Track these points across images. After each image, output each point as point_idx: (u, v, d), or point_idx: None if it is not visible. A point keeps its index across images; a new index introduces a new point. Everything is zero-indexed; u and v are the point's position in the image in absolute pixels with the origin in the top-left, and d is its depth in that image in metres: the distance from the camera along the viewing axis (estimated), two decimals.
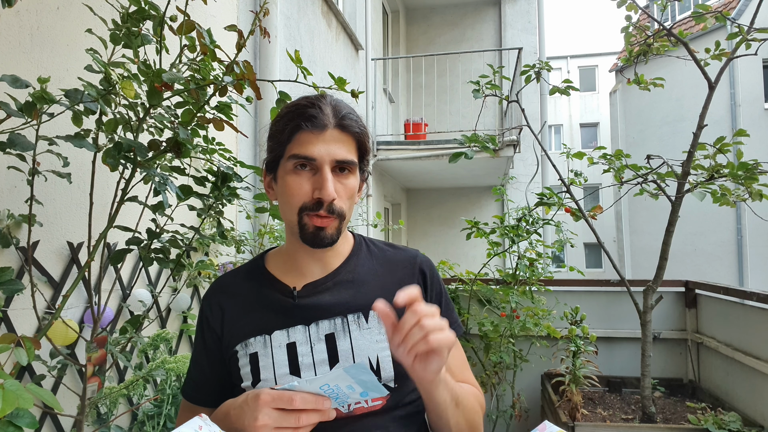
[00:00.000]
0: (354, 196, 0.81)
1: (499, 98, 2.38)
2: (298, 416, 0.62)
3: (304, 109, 0.78)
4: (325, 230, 0.77)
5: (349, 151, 0.78)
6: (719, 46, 2.14)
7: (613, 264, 2.32)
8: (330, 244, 0.79)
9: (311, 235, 0.78)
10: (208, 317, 0.88)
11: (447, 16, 8.36)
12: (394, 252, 0.92)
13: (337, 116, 0.78)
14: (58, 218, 1.47)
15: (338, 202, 0.77)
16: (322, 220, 0.77)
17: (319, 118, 0.76)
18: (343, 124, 0.78)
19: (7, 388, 0.67)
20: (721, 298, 2.41)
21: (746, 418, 2.01)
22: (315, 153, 0.76)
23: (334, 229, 0.78)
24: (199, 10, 1.98)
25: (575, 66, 19.42)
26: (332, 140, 0.77)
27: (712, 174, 2.02)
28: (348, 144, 0.79)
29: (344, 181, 0.79)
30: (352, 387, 0.61)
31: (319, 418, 0.64)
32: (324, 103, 0.79)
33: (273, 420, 0.62)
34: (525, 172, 7.07)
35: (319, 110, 0.77)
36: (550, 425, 0.69)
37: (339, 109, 0.79)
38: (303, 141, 0.77)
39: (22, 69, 1.34)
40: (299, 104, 0.80)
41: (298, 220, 0.78)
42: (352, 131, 0.79)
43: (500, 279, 2.81)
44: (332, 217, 0.77)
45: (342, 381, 0.60)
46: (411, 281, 0.87)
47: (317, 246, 0.79)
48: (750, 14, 4.24)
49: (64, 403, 1.45)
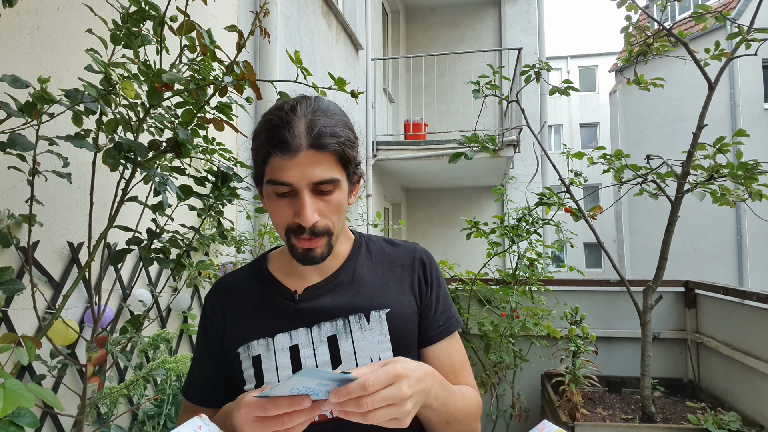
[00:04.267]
0: (341, 209, 0.78)
1: (499, 98, 2.38)
2: (281, 420, 0.61)
3: (274, 132, 0.73)
4: (314, 250, 0.76)
5: (327, 169, 0.73)
6: (719, 46, 2.14)
7: (613, 264, 2.32)
8: (321, 261, 0.78)
9: (300, 257, 0.77)
10: (210, 317, 0.88)
11: (447, 16, 8.36)
12: (394, 249, 0.92)
13: (309, 135, 0.72)
14: (58, 218, 1.47)
15: (322, 222, 0.75)
16: (309, 241, 0.75)
17: (289, 142, 0.71)
18: (318, 144, 0.72)
19: (8, 387, 0.67)
20: (721, 298, 2.41)
21: (746, 418, 2.01)
22: (290, 179, 0.72)
23: (324, 247, 0.77)
24: (199, 10, 1.98)
25: (575, 66, 19.42)
26: (307, 163, 0.72)
27: (712, 174, 2.02)
28: (326, 162, 0.73)
29: (327, 198, 0.75)
30: (322, 384, 0.60)
31: (306, 416, 0.62)
32: (296, 118, 0.73)
33: (259, 429, 0.62)
34: (525, 172, 7.07)
35: (289, 132, 0.72)
36: (549, 424, 0.69)
37: (313, 125, 0.73)
38: (276, 167, 0.73)
39: (22, 69, 1.34)
40: (271, 121, 0.75)
41: (287, 240, 0.78)
42: (330, 149, 0.73)
43: (500, 279, 2.81)
44: (318, 238, 0.75)
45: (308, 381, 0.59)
46: (410, 275, 0.88)
47: (308, 264, 0.78)
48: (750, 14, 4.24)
49: (65, 402, 1.45)
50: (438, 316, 0.87)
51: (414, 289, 0.87)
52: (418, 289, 0.87)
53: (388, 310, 0.82)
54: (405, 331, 0.83)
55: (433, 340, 0.86)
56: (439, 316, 0.88)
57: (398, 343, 0.81)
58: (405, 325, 0.83)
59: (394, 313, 0.83)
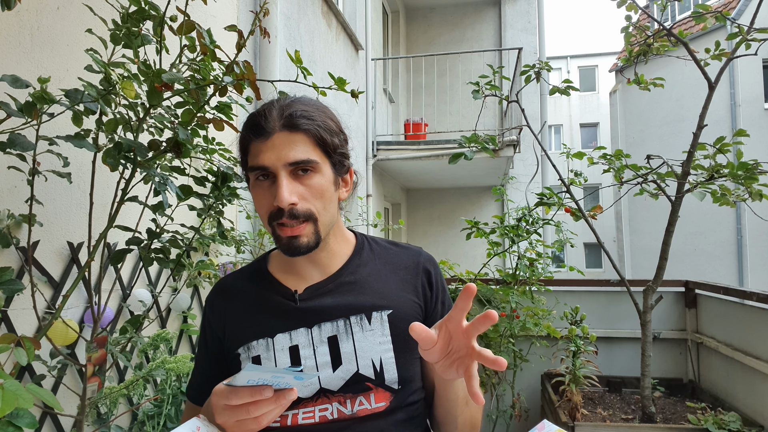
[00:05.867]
0: (324, 195, 0.77)
1: (499, 98, 2.38)
2: (247, 409, 0.63)
3: (252, 119, 0.77)
4: (299, 238, 0.75)
5: (304, 151, 0.74)
6: (719, 46, 2.14)
7: (613, 264, 2.32)
8: (307, 251, 0.76)
9: (285, 246, 0.76)
10: (211, 319, 0.88)
11: (447, 16, 8.36)
12: (397, 251, 0.91)
13: (281, 117, 0.75)
14: (58, 218, 1.47)
15: (303, 205, 0.74)
16: (291, 229, 0.74)
17: (261, 125, 0.75)
18: (290, 124, 0.74)
19: (7, 388, 0.67)
20: (721, 298, 2.41)
21: (746, 418, 2.01)
22: (266, 161, 0.74)
23: (310, 235, 0.76)
24: (199, 10, 1.98)
25: (575, 66, 19.42)
26: (281, 144, 0.74)
27: (712, 174, 2.02)
28: (301, 143, 0.75)
29: (307, 182, 0.75)
30: (277, 376, 0.62)
31: (273, 405, 0.64)
32: (273, 107, 0.77)
33: (227, 417, 0.64)
34: (525, 172, 7.07)
35: (263, 118, 0.75)
36: (549, 424, 0.69)
37: (286, 109, 0.76)
38: (254, 152, 0.75)
39: (22, 69, 1.34)
40: (252, 114, 0.78)
41: (272, 231, 0.77)
42: (302, 129, 0.75)
43: (500, 279, 2.81)
44: (299, 222, 0.74)
45: (262, 374, 0.61)
46: (414, 281, 0.87)
47: (293, 254, 0.76)
48: (750, 14, 4.24)
49: (64, 403, 1.45)
50: None
51: (418, 294, 0.86)
52: (422, 294, 0.86)
53: (390, 312, 0.82)
54: (407, 332, 0.82)
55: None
56: None
57: (399, 344, 0.81)
58: (407, 327, 0.82)
59: (396, 314, 0.82)
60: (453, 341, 0.65)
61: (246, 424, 0.64)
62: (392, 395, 0.79)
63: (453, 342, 0.65)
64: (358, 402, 0.78)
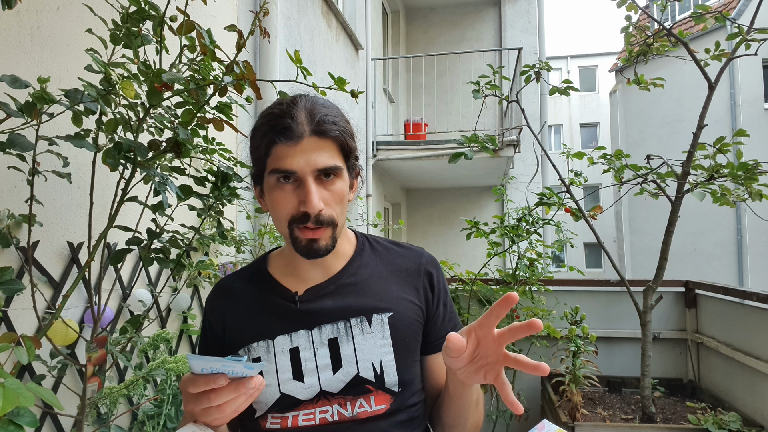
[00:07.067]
0: (344, 200, 0.78)
1: (499, 98, 2.38)
2: (208, 397, 0.64)
3: (277, 120, 0.74)
4: (318, 241, 0.75)
5: (331, 156, 0.75)
6: (719, 47, 2.14)
7: (613, 264, 2.32)
8: (325, 254, 0.77)
9: (305, 248, 0.76)
10: (210, 320, 0.88)
11: (447, 16, 8.36)
12: (399, 251, 0.90)
13: (311, 122, 0.74)
14: (58, 218, 1.47)
15: (327, 211, 0.75)
16: (313, 232, 0.74)
17: (292, 129, 0.73)
18: (319, 130, 0.74)
19: (7, 386, 0.67)
20: (721, 298, 2.41)
21: (746, 418, 2.01)
22: (294, 166, 0.72)
23: (328, 239, 0.76)
24: (199, 10, 1.98)
25: (575, 66, 19.41)
26: (310, 149, 0.73)
27: (712, 174, 2.02)
28: (328, 149, 0.75)
29: (331, 187, 0.75)
30: (227, 365, 0.64)
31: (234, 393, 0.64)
32: (297, 108, 0.75)
33: (193, 405, 0.66)
34: (525, 172, 7.07)
35: (291, 120, 0.73)
36: (549, 424, 0.69)
37: (314, 113, 0.75)
38: (280, 155, 0.73)
39: (22, 69, 1.34)
40: (272, 113, 0.76)
41: (289, 233, 0.76)
42: (331, 135, 0.75)
43: (500, 279, 2.81)
44: (322, 227, 0.75)
45: (213, 363, 0.63)
46: (416, 283, 0.86)
47: (312, 257, 0.77)
48: (750, 14, 4.23)
49: (64, 402, 1.45)
50: (446, 324, 0.87)
51: (419, 296, 0.86)
52: (423, 297, 0.86)
53: (391, 314, 0.82)
54: (407, 335, 0.82)
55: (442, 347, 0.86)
56: (447, 323, 0.88)
57: (400, 346, 0.81)
58: (407, 330, 0.82)
59: (397, 316, 0.82)
60: (481, 347, 0.66)
61: (210, 413, 0.65)
62: (392, 398, 0.79)
63: (481, 348, 0.66)
64: (359, 404, 0.78)
